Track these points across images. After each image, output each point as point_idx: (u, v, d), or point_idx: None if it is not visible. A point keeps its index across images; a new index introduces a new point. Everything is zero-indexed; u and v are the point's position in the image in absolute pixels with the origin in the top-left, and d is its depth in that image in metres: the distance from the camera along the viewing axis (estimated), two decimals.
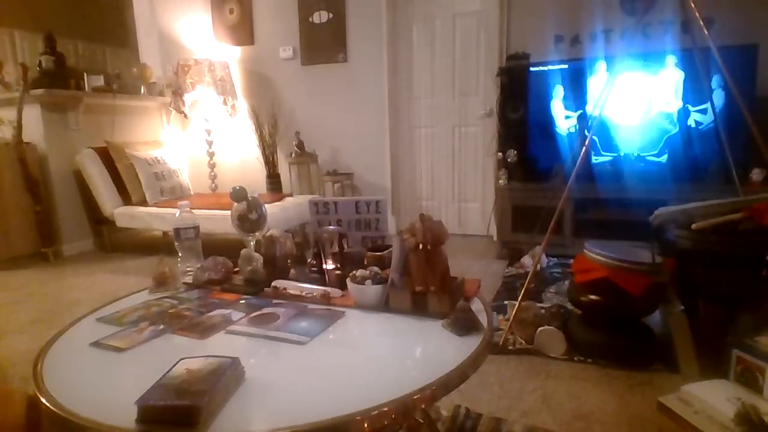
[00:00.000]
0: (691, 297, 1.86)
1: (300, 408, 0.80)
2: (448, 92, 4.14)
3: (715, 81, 2.96)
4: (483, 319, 1.12)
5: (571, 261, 2.29)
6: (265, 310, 1.21)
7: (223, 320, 1.16)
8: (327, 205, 1.66)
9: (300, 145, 4.31)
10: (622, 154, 3.25)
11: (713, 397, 1.37)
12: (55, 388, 0.88)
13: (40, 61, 3.84)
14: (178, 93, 4.40)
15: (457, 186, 4.27)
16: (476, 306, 1.19)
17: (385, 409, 0.79)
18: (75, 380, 0.92)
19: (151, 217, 3.78)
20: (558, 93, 3.38)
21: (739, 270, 1.80)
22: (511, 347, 2.05)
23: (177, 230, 1.52)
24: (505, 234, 3.49)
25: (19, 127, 3.63)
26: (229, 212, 1.46)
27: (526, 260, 3.12)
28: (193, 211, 1.58)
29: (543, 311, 2.11)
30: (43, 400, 0.85)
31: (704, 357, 1.72)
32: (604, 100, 2.25)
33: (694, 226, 1.85)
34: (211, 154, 4.65)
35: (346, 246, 1.41)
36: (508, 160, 3.50)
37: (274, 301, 1.29)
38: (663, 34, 3.31)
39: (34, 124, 3.75)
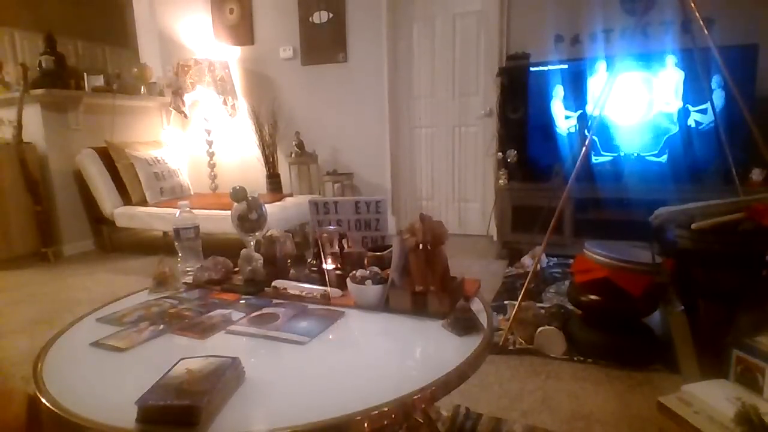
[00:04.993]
0: (691, 297, 1.86)
1: (300, 408, 0.79)
2: (448, 92, 4.14)
3: (715, 81, 2.96)
4: (483, 319, 1.12)
5: (571, 261, 2.29)
6: (265, 310, 1.21)
7: (223, 320, 1.16)
8: (327, 205, 1.66)
9: (300, 145, 4.31)
10: (622, 154, 3.25)
11: (713, 397, 1.37)
12: (55, 388, 0.88)
13: (40, 61, 3.84)
14: (178, 93, 4.40)
15: (457, 186, 4.27)
16: (476, 306, 1.19)
17: (385, 409, 0.79)
18: (75, 380, 0.92)
19: (151, 217, 3.78)
20: (558, 93, 3.38)
21: (739, 270, 1.80)
22: (511, 347, 2.04)
23: (177, 230, 1.52)
24: (505, 234, 3.49)
25: (19, 127, 3.63)
26: (229, 212, 1.46)
27: (526, 260, 3.12)
28: (193, 211, 1.58)
29: (543, 311, 2.11)
30: (44, 400, 0.85)
31: (704, 357, 1.72)
32: (604, 100, 2.25)
33: (694, 226, 1.85)
34: (211, 154, 4.65)
35: (346, 246, 1.41)
36: (508, 160, 3.50)
37: (274, 301, 1.29)
38: (663, 34, 3.31)
39: (34, 124, 3.75)
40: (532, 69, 3.44)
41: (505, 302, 2.38)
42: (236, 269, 1.48)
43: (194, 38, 4.81)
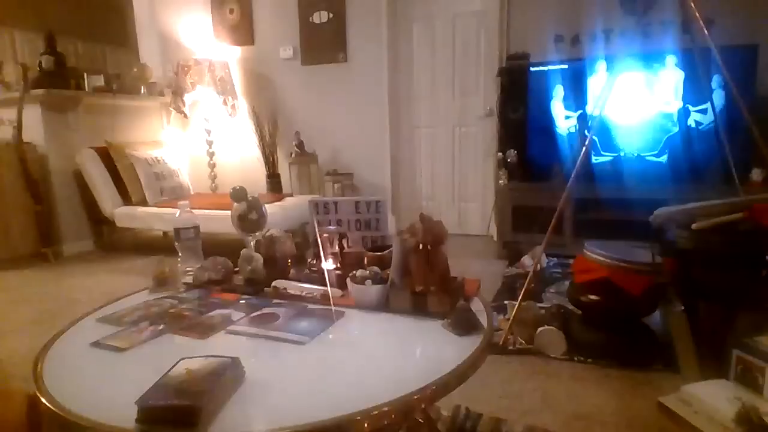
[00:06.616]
0: (691, 297, 1.86)
1: (300, 408, 0.79)
2: (448, 92, 4.14)
3: (715, 81, 2.96)
4: (483, 319, 1.12)
5: (571, 261, 2.29)
6: (265, 310, 1.21)
7: (223, 320, 1.16)
8: (327, 205, 1.66)
9: (300, 145, 4.30)
10: (622, 154, 3.25)
11: (713, 397, 1.37)
12: (55, 388, 0.88)
13: (40, 61, 3.84)
14: (178, 93, 4.40)
15: (457, 186, 4.27)
16: (476, 306, 1.19)
17: (385, 409, 0.79)
18: (75, 380, 0.92)
19: (151, 217, 3.78)
20: (558, 93, 3.38)
21: (739, 270, 1.80)
22: (511, 347, 2.04)
23: (177, 230, 1.52)
24: (505, 234, 3.49)
25: (19, 127, 3.63)
26: (229, 212, 1.46)
27: (526, 260, 3.12)
28: (193, 211, 1.58)
29: (543, 311, 2.11)
30: (44, 400, 0.85)
31: (704, 357, 1.72)
32: (604, 100, 2.25)
33: (694, 226, 1.85)
34: (211, 154, 4.65)
35: (346, 246, 1.41)
36: (508, 160, 3.50)
37: (274, 301, 1.29)
38: (663, 34, 3.31)
39: (34, 124, 3.74)
40: (532, 69, 3.44)
41: (505, 302, 2.38)
42: (236, 269, 1.48)
43: (194, 38, 4.80)
